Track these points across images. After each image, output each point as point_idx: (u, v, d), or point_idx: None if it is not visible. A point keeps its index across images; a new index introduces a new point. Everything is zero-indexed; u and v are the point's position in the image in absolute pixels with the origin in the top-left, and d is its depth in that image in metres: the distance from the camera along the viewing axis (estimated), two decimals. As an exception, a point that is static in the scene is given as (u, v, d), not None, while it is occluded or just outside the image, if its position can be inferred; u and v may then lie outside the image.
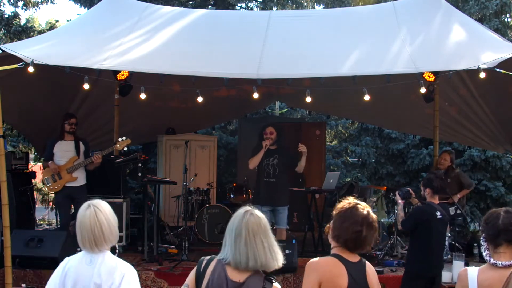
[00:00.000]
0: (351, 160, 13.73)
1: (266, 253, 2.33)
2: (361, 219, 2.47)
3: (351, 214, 2.49)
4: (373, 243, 2.55)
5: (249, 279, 2.33)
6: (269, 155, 6.30)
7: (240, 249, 2.33)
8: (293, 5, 13.42)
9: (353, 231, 2.46)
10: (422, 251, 4.66)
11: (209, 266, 2.39)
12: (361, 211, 2.50)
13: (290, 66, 5.82)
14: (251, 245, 2.32)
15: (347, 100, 7.89)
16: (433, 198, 4.78)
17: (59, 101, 7.53)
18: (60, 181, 6.42)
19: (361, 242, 2.48)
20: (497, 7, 11.11)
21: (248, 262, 2.32)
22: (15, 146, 11.93)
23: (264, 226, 2.38)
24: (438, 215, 4.67)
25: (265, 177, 6.31)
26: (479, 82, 6.22)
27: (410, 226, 4.81)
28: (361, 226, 2.46)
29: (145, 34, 6.31)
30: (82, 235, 2.61)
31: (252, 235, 2.33)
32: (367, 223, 2.47)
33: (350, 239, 2.47)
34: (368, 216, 2.49)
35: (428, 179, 4.90)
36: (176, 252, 6.79)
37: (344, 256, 2.49)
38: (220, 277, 2.33)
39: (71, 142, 6.53)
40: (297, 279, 5.71)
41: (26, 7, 12.63)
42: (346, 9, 9.48)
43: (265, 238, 2.35)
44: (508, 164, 10.67)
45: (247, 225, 2.35)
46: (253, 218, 2.37)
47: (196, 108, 7.91)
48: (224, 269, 2.35)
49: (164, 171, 8.90)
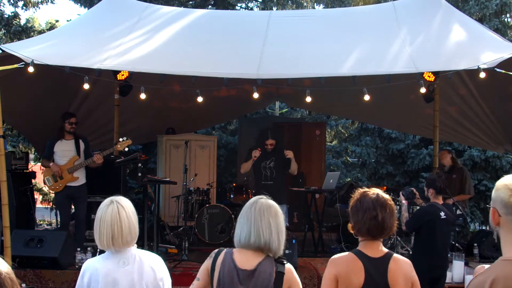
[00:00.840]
0: (351, 160, 13.73)
1: (272, 232, 2.34)
2: (372, 203, 2.42)
3: (362, 202, 2.46)
4: (395, 225, 2.46)
5: (260, 265, 2.33)
6: (266, 158, 6.44)
7: (245, 226, 2.37)
8: (293, 5, 13.42)
9: (369, 217, 2.40)
10: (426, 251, 4.66)
11: (218, 258, 2.39)
12: (370, 196, 2.46)
13: (290, 66, 5.82)
14: (255, 222, 2.35)
15: (347, 100, 7.89)
16: (437, 199, 4.78)
17: (59, 101, 7.53)
18: (62, 181, 6.41)
19: (381, 226, 2.41)
20: (497, 7, 11.11)
21: (250, 237, 2.33)
22: (15, 146, 11.94)
23: (275, 210, 2.41)
24: (442, 216, 4.67)
25: (263, 180, 6.47)
26: (479, 82, 6.23)
27: (414, 226, 4.81)
28: (375, 210, 2.41)
29: (145, 34, 6.31)
30: (100, 234, 2.51)
31: (259, 213, 2.37)
32: (380, 205, 2.42)
33: (370, 227, 2.41)
34: (378, 198, 2.44)
35: (431, 179, 4.91)
36: (176, 252, 6.79)
37: (365, 251, 2.43)
38: (230, 268, 2.33)
39: (71, 141, 6.52)
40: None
41: (26, 7, 12.63)
42: (346, 9, 9.49)
43: (274, 219, 2.38)
44: (508, 164, 10.68)
45: (256, 206, 2.40)
46: (264, 201, 2.42)
47: (196, 108, 7.91)
48: (233, 259, 2.35)
49: (164, 171, 8.90)
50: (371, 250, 2.44)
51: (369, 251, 2.44)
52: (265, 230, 2.34)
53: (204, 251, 6.78)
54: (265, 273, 2.32)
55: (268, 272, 2.32)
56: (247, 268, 2.32)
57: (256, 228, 2.34)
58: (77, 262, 5.79)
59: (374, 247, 2.45)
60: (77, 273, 5.95)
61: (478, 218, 10.81)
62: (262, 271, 2.32)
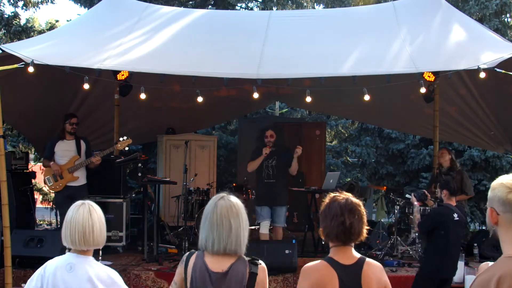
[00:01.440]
0: (351, 160, 13.73)
1: (231, 234, 2.31)
2: (340, 208, 2.37)
3: (330, 207, 2.41)
4: (364, 230, 2.41)
5: (232, 267, 2.31)
6: (268, 157, 6.43)
7: (207, 231, 2.35)
8: (293, 5, 13.42)
9: (337, 223, 2.36)
10: (439, 253, 4.66)
11: (189, 262, 2.39)
12: (339, 201, 2.41)
13: (290, 66, 5.82)
14: (217, 227, 2.32)
15: (347, 100, 7.89)
16: (450, 200, 4.78)
17: (59, 101, 7.53)
18: (62, 181, 6.42)
19: (349, 232, 2.37)
20: (497, 7, 11.11)
21: (214, 245, 2.31)
22: (15, 146, 11.94)
23: (236, 210, 2.36)
24: (455, 217, 4.67)
25: (265, 178, 6.45)
26: (479, 82, 6.23)
27: (428, 227, 4.81)
28: (342, 216, 2.36)
29: (145, 34, 6.31)
30: (71, 231, 2.56)
31: (220, 217, 2.33)
32: (348, 210, 2.37)
33: (338, 233, 2.37)
34: (347, 203, 2.39)
35: (445, 180, 4.91)
36: (176, 252, 6.79)
37: (337, 258, 2.40)
38: (202, 271, 2.32)
39: (72, 142, 6.52)
40: (297, 279, 5.68)
41: (26, 7, 12.63)
42: (346, 9, 9.49)
43: (234, 219, 2.34)
44: (508, 164, 10.68)
45: (216, 208, 2.36)
46: (223, 202, 2.38)
47: (196, 108, 7.91)
48: (204, 262, 2.34)
49: (164, 171, 8.90)
50: (343, 256, 2.40)
51: (341, 258, 2.39)
52: (226, 235, 2.31)
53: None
54: (238, 274, 2.30)
55: (241, 273, 2.31)
56: (219, 271, 2.31)
57: (218, 234, 2.32)
58: (77, 262, 5.78)
59: (346, 253, 2.41)
60: (77, 273, 5.93)
61: (478, 218, 10.81)
62: (235, 273, 2.30)
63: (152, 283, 5.70)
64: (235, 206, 2.38)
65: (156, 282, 5.70)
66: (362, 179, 12.35)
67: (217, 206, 2.37)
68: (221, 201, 2.39)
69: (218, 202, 2.39)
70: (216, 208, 2.37)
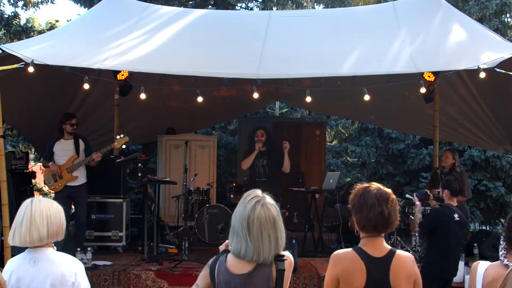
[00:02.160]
0: (351, 160, 13.73)
1: (271, 247, 2.23)
2: (376, 199, 2.37)
3: (365, 198, 2.39)
4: (398, 218, 2.41)
5: (257, 267, 2.25)
6: (259, 157, 6.65)
7: (244, 242, 2.23)
8: (293, 5, 13.42)
9: (375, 213, 2.35)
10: (440, 253, 4.65)
11: (215, 268, 2.32)
12: (373, 191, 2.40)
13: (290, 66, 5.82)
14: (257, 240, 2.22)
15: (347, 100, 7.89)
16: (451, 200, 4.77)
17: (59, 101, 7.53)
18: (61, 181, 6.42)
19: (388, 221, 2.37)
20: (497, 7, 11.11)
21: (253, 257, 2.23)
22: (15, 146, 11.94)
23: (272, 218, 2.25)
24: (456, 217, 4.67)
25: (257, 177, 6.67)
26: (479, 82, 6.22)
27: (428, 227, 4.80)
28: (380, 206, 2.35)
29: (145, 34, 6.31)
30: (15, 229, 2.57)
31: (260, 229, 2.22)
32: (384, 200, 2.37)
33: (377, 223, 2.36)
34: (382, 193, 2.39)
35: (447, 180, 4.90)
36: (176, 252, 6.79)
37: (367, 249, 2.37)
38: (226, 278, 2.26)
39: (71, 141, 6.52)
40: (297, 279, 5.71)
41: (26, 7, 12.64)
42: (346, 9, 9.49)
43: (273, 231, 2.24)
44: (508, 164, 10.68)
45: (254, 219, 2.23)
46: (262, 211, 2.24)
47: (196, 108, 7.91)
48: (227, 268, 2.27)
49: (164, 171, 8.90)
50: (373, 248, 2.38)
51: (372, 249, 2.38)
52: (266, 247, 2.23)
53: (204, 251, 6.79)
54: (264, 274, 2.25)
55: (267, 273, 2.25)
56: (243, 272, 2.25)
57: (257, 247, 2.22)
58: (77, 262, 5.78)
59: (377, 244, 2.39)
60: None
61: (478, 218, 10.81)
62: (261, 273, 2.25)
63: (152, 283, 5.70)
64: (272, 214, 2.26)
65: (156, 282, 5.70)
66: (362, 179, 12.35)
67: (255, 214, 2.24)
68: (261, 210, 2.25)
69: (260, 211, 2.25)
70: (255, 217, 2.23)
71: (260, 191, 2.35)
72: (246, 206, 2.27)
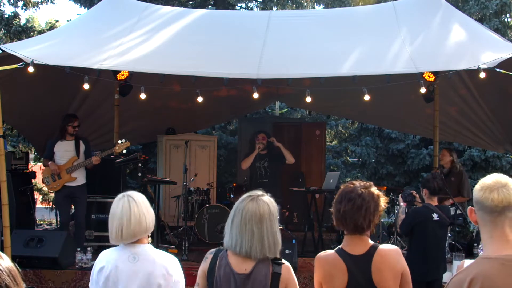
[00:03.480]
0: (351, 160, 13.73)
1: (253, 241, 2.28)
2: (355, 196, 2.38)
3: (342, 194, 2.42)
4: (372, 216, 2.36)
5: (255, 268, 2.29)
6: (260, 159, 6.89)
7: (231, 232, 2.33)
8: (293, 5, 13.43)
9: (348, 209, 2.35)
10: (418, 254, 4.54)
11: (216, 261, 2.36)
12: (348, 188, 2.43)
13: (290, 66, 5.82)
14: (241, 231, 2.29)
15: (347, 100, 7.89)
16: (431, 199, 4.69)
17: (59, 101, 7.53)
18: (60, 181, 6.42)
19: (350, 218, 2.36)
20: (497, 7, 11.12)
21: (236, 246, 2.30)
22: (15, 146, 11.95)
23: (260, 214, 2.31)
24: (435, 217, 4.58)
25: (258, 179, 6.86)
26: (479, 82, 6.22)
27: (406, 228, 4.72)
28: (350, 201, 2.37)
29: (145, 34, 6.31)
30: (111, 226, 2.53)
31: (244, 222, 2.30)
32: (371, 198, 2.38)
33: (342, 219, 2.37)
34: (370, 192, 2.40)
35: (425, 179, 4.85)
36: (176, 252, 6.78)
37: (348, 249, 2.36)
38: (226, 272, 2.31)
39: (71, 142, 6.52)
40: (297, 279, 5.70)
41: (26, 7, 12.65)
42: (346, 9, 9.49)
43: (258, 226, 2.29)
44: (508, 164, 10.69)
45: (242, 211, 2.32)
46: (251, 204, 2.33)
47: (196, 108, 7.91)
48: (228, 262, 2.32)
49: (164, 171, 8.90)
50: (353, 246, 2.36)
51: (352, 248, 2.35)
52: (246, 241, 2.28)
53: (204, 251, 6.77)
54: (261, 275, 2.28)
55: (263, 274, 2.28)
56: (244, 272, 2.29)
57: (241, 238, 2.29)
58: (77, 262, 5.79)
59: (357, 243, 2.37)
60: (77, 273, 5.97)
61: (478, 218, 10.80)
62: (258, 274, 2.28)
63: (152, 283, 5.69)
64: (260, 210, 2.32)
65: (156, 282, 5.69)
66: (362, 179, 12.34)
67: (244, 210, 2.33)
68: (250, 205, 2.33)
69: (247, 205, 2.34)
70: (243, 211, 2.32)
71: (261, 191, 2.40)
72: (240, 201, 2.38)
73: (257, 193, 2.39)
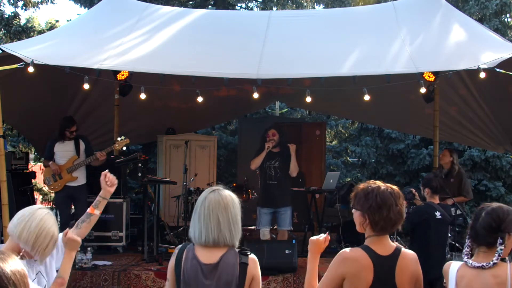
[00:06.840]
0: (351, 160, 13.73)
1: (220, 227, 2.32)
2: (393, 197, 2.38)
3: (382, 198, 2.38)
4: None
5: (222, 258, 2.32)
6: (270, 158, 6.41)
7: (195, 223, 2.37)
8: (293, 5, 13.43)
9: (395, 213, 2.35)
10: (421, 252, 4.56)
11: (181, 254, 2.39)
12: (387, 190, 2.42)
13: (290, 66, 5.82)
14: (205, 220, 2.34)
15: (347, 100, 7.89)
16: (433, 198, 4.73)
17: (59, 101, 7.53)
18: (61, 181, 6.42)
19: (402, 219, 2.40)
20: (497, 7, 11.12)
21: (201, 236, 2.34)
22: (15, 146, 11.95)
23: (224, 204, 2.37)
24: (438, 215, 4.62)
25: (267, 179, 6.43)
26: (479, 82, 6.22)
27: (408, 227, 4.75)
28: (397, 205, 2.37)
29: (145, 34, 6.31)
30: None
31: (208, 211, 2.35)
32: (398, 199, 2.40)
33: (396, 222, 2.36)
34: (394, 191, 2.42)
35: (427, 179, 4.87)
36: (176, 252, 6.78)
37: (375, 248, 2.36)
38: (193, 264, 2.33)
39: (71, 142, 6.52)
40: (297, 279, 5.71)
41: (26, 7, 12.65)
42: (346, 9, 9.49)
43: (223, 213, 2.34)
44: (508, 164, 10.69)
45: (205, 202, 2.38)
46: (213, 196, 2.39)
47: (196, 108, 7.91)
48: (195, 254, 2.35)
49: (164, 171, 8.89)
50: (381, 246, 2.37)
51: (379, 248, 2.37)
52: (214, 228, 2.32)
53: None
54: (229, 265, 2.31)
55: (231, 264, 2.31)
56: (210, 262, 2.31)
57: (206, 227, 2.33)
58: (77, 262, 5.78)
59: (384, 243, 2.39)
60: (77, 273, 5.97)
61: (478, 218, 10.81)
62: (226, 263, 2.31)
63: (152, 283, 5.70)
64: (223, 200, 2.38)
65: (156, 282, 5.70)
66: (362, 179, 12.35)
67: (207, 199, 2.39)
68: (211, 195, 2.40)
69: (208, 195, 2.40)
70: (205, 201, 2.38)
71: (221, 186, 2.49)
72: (201, 196, 2.44)
73: (217, 187, 2.46)
